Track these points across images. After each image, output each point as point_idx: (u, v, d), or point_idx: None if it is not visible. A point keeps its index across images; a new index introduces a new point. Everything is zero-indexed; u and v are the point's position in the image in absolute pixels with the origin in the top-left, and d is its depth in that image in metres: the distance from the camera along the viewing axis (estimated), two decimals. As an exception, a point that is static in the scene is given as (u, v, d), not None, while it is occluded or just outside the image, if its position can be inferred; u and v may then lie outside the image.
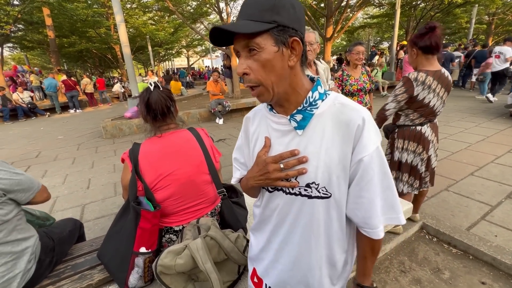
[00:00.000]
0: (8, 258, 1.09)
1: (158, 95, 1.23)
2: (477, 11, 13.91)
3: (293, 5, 0.59)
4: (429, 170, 1.98)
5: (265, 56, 0.58)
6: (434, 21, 1.69)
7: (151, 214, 1.15)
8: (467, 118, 5.57)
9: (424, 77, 1.69)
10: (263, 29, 0.56)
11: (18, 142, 6.26)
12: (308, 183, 0.65)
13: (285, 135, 0.68)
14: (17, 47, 15.38)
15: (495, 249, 1.87)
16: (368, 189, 0.62)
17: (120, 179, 1.30)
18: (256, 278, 0.84)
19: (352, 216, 0.67)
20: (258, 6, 0.57)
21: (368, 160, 0.61)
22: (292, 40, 0.59)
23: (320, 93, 0.65)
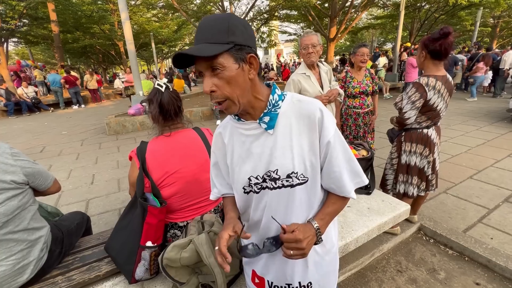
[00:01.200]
0: (24, 246, 1.15)
1: (170, 96, 1.28)
2: (482, 14, 13.86)
3: (244, 25, 0.66)
4: (434, 173, 2.03)
5: (228, 74, 0.64)
6: (448, 26, 1.72)
7: (157, 210, 1.19)
8: (468, 122, 5.59)
9: (434, 82, 1.73)
10: (224, 50, 0.62)
11: (23, 137, 6.34)
12: (288, 174, 0.73)
13: (258, 138, 0.75)
14: (22, 42, 15.47)
15: (490, 251, 1.91)
16: (338, 164, 0.74)
17: (128, 176, 1.35)
18: (257, 279, 0.89)
19: (328, 188, 0.79)
20: (214, 30, 0.63)
21: (333, 140, 0.73)
22: (249, 56, 0.66)
23: (278, 95, 0.75)
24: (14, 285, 1.14)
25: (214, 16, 0.65)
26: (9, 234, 1.11)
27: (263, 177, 0.76)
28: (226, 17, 0.64)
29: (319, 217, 0.78)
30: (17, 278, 1.14)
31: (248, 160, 0.77)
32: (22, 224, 1.15)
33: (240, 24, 0.65)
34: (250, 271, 0.92)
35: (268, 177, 0.75)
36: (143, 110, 6.61)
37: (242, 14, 9.94)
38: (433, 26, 14.70)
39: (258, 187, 0.77)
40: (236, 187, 0.83)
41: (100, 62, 20.79)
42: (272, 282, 0.87)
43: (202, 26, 0.65)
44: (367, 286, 1.79)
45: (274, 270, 0.85)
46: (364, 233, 1.56)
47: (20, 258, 1.14)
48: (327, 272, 0.89)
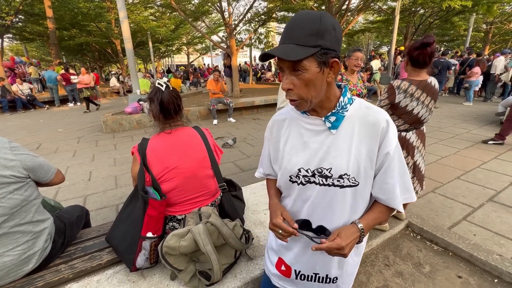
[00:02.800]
0: (29, 237, 1.20)
1: (170, 94, 1.35)
2: (475, 19, 14.17)
3: (334, 27, 0.66)
4: (416, 175, 2.10)
5: (309, 76, 0.67)
6: (430, 34, 1.77)
7: (157, 203, 1.26)
8: (458, 125, 5.75)
9: (407, 86, 1.79)
10: (309, 54, 0.63)
11: (18, 134, 6.32)
12: (341, 175, 0.75)
13: (318, 134, 0.78)
14: (16, 38, 15.31)
15: (473, 246, 2.02)
16: (392, 176, 0.76)
17: (130, 170, 1.41)
18: (283, 266, 0.94)
19: (377, 197, 0.81)
20: (303, 31, 0.64)
21: (392, 153, 0.75)
22: (333, 61, 0.67)
23: (348, 98, 0.78)
24: (20, 273, 1.20)
25: (307, 15, 0.64)
26: (16, 227, 1.15)
27: (313, 172, 0.78)
28: (318, 17, 0.64)
29: (365, 221, 0.78)
30: (23, 267, 1.19)
31: (302, 153, 0.79)
32: (28, 216, 1.20)
33: (330, 26, 0.64)
34: (275, 258, 0.96)
35: (319, 173, 0.77)
36: (140, 108, 6.64)
37: (240, 15, 10.02)
38: (427, 31, 14.98)
39: (306, 179, 0.79)
40: (283, 175, 0.85)
41: (96, 60, 20.65)
42: (299, 271, 0.91)
43: (294, 23, 0.65)
44: (357, 279, 1.88)
45: (304, 261, 0.89)
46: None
47: (26, 248, 1.19)
48: (352, 272, 0.93)
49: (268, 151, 0.94)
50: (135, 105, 6.60)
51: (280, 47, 0.66)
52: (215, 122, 6.73)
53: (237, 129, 6.16)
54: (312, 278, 0.91)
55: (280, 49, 0.65)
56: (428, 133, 4.83)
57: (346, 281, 0.92)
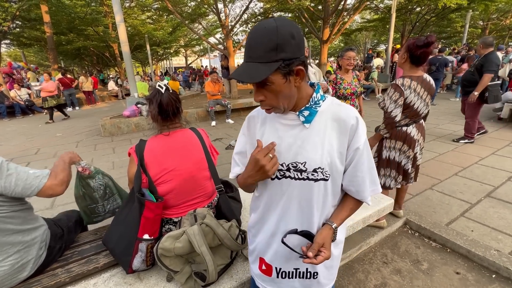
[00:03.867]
0: (20, 247, 1.18)
1: (169, 97, 1.35)
2: (471, 16, 14.20)
3: (292, 35, 0.67)
4: (414, 167, 2.14)
5: (276, 88, 0.70)
6: (432, 34, 1.83)
7: (154, 205, 1.26)
8: (456, 121, 5.75)
9: (409, 82, 1.86)
10: (272, 71, 0.66)
11: (17, 139, 6.32)
12: (315, 168, 0.78)
13: (293, 129, 0.81)
14: (14, 44, 15.34)
15: (470, 242, 2.02)
16: (362, 169, 0.80)
17: (127, 171, 1.41)
18: (264, 266, 0.94)
19: (347, 190, 0.85)
20: (263, 48, 0.66)
21: (362, 148, 0.79)
22: (297, 69, 0.70)
23: (321, 95, 0.82)
24: (15, 281, 1.19)
25: (264, 30, 0.65)
26: (2, 238, 1.12)
27: (288, 166, 0.80)
28: (275, 31, 0.64)
29: (338, 220, 0.84)
30: (18, 275, 1.19)
31: (277, 147, 0.81)
32: (14, 227, 1.15)
33: (288, 36, 0.66)
34: (258, 259, 0.97)
35: (294, 168, 0.80)
36: (138, 111, 6.65)
37: (237, 17, 10.04)
38: (424, 28, 15.01)
39: (281, 174, 0.81)
40: None
41: (95, 64, 20.68)
42: (280, 269, 0.92)
43: (252, 41, 0.67)
44: (354, 277, 1.88)
45: (283, 258, 0.90)
46: (349, 226, 1.65)
47: (18, 258, 1.17)
48: (331, 266, 0.94)
49: (243, 148, 0.94)
50: (133, 108, 6.61)
51: (244, 67, 0.69)
52: (214, 123, 6.74)
53: (235, 130, 6.16)
54: (293, 274, 0.91)
55: (244, 71, 0.68)
56: (426, 130, 4.83)
57: (326, 275, 0.94)
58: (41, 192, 1.16)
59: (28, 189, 1.12)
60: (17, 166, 1.15)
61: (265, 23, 0.67)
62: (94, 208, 1.62)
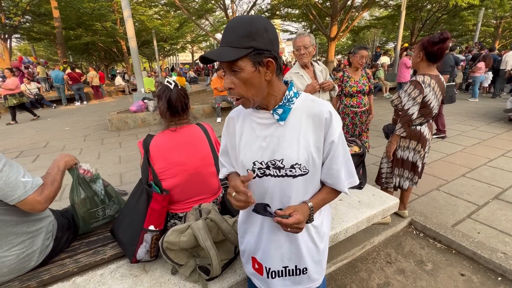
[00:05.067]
0: (25, 237, 1.20)
1: (178, 93, 1.36)
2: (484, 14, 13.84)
3: (266, 29, 0.70)
4: (422, 166, 2.13)
5: (245, 76, 0.71)
6: (447, 31, 1.81)
7: (161, 197, 1.29)
8: (465, 122, 5.65)
9: (429, 80, 1.84)
10: (242, 55, 0.69)
11: (26, 132, 6.45)
12: (292, 165, 0.80)
13: (268, 127, 0.82)
14: (24, 38, 15.57)
15: (477, 244, 2.00)
16: (337, 162, 0.82)
17: (134, 165, 1.44)
18: (257, 265, 0.97)
19: (324, 182, 0.88)
20: (236, 34, 0.69)
21: (337, 141, 0.80)
22: (267, 60, 0.72)
23: (294, 92, 0.82)
24: (23, 270, 1.23)
25: (239, 20, 0.70)
26: (5, 229, 1.14)
27: (267, 164, 0.82)
28: (249, 21, 0.69)
29: (314, 200, 0.85)
30: (25, 265, 1.22)
31: (255, 146, 0.83)
32: (16, 219, 1.16)
33: (262, 28, 0.69)
34: (250, 259, 0.99)
35: (273, 165, 0.81)
36: (145, 107, 6.71)
37: (244, 13, 10.00)
38: (435, 26, 14.70)
39: (261, 172, 0.83)
40: (241, 170, 0.89)
41: (102, 59, 20.87)
42: (269, 268, 0.93)
43: (228, 28, 0.71)
44: (357, 276, 1.88)
45: (271, 257, 0.92)
46: (354, 224, 1.65)
47: (23, 248, 1.20)
48: (319, 260, 0.96)
49: (226, 148, 0.97)
50: (140, 103, 6.67)
51: (217, 49, 0.71)
52: (219, 120, 6.76)
53: (240, 127, 6.17)
54: (282, 273, 0.93)
55: (215, 51, 0.70)
56: (434, 130, 4.76)
57: (315, 270, 0.95)
58: (20, 204, 1.11)
59: (9, 197, 1.08)
60: (12, 170, 1.10)
61: (242, 16, 0.72)
62: (94, 213, 1.50)
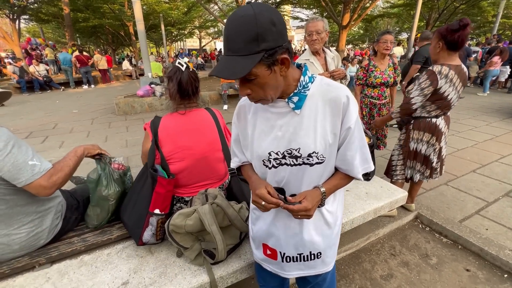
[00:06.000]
0: (34, 216, 1.22)
1: (189, 75, 1.32)
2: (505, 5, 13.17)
3: (273, 22, 0.61)
4: (440, 161, 2.07)
5: (261, 81, 0.67)
6: (465, 17, 1.71)
7: (166, 181, 1.28)
8: (478, 117, 5.49)
9: (447, 71, 1.74)
10: (255, 64, 0.62)
11: (36, 114, 6.53)
12: (310, 153, 0.78)
13: (284, 116, 0.79)
14: (33, 19, 15.52)
15: (484, 241, 1.97)
16: (351, 148, 0.80)
17: (142, 144, 1.43)
18: (269, 251, 0.97)
19: (338, 167, 0.86)
20: (242, 39, 0.60)
21: (353, 127, 0.77)
22: (281, 58, 0.66)
23: (309, 77, 0.78)
24: (33, 248, 1.25)
25: (241, 20, 0.60)
26: (14, 208, 1.15)
27: (283, 154, 0.80)
28: (253, 20, 0.59)
29: (327, 186, 0.84)
30: (35, 243, 1.24)
31: (271, 136, 0.80)
32: (26, 198, 1.17)
33: (269, 23, 0.60)
34: (260, 245, 1.00)
35: (289, 155, 0.79)
36: (152, 91, 6.69)
37: (254, -3, 9.71)
38: (452, 17, 14.09)
39: (277, 162, 0.82)
40: (255, 160, 0.87)
41: (110, 43, 20.76)
42: (284, 253, 0.94)
43: (230, 32, 0.62)
44: (361, 266, 1.88)
45: (286, 244, 0.92)
46: (360, 215, 1.63)
47: (33, 227, 1.21)
48: (333, 244, 0.97)
49: (237, 137, 0.94)
50: (146, 88, 6.65)
51: (224, 62, 0.64)
52: (225, 107, 6.70)
53: (247, 115, 6.13)
54: (297, 259, 0.94)
55: (225, 66, 0.63)
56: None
57: (329, 254, 0.97)
58: (26, 187, 1.10)
59: (16, 180, 1.07)
60: (20, 152, 1.08)
61: (241, 11, 0.61)
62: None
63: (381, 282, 1.74)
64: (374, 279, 1.77)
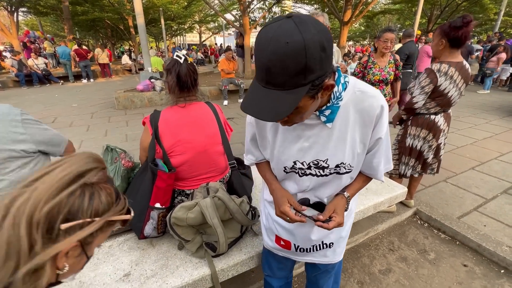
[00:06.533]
0: None
1: (188, 68, 1.32)
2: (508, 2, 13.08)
3: (323, 47, 0.51)
4: (436, 158, 2.07)
5: (302, 110, 0.60)
6: (468, 14, 1.70)
7: (166, 175, 1.28)
8: (478, 115, 5.50)
9: (446, 68, 1.74)
10: (300, 99, 0.54)
11: (35, 107, 6.50)
12: (338, 164, 0.77)
13: (313, 128, 0.74)
14: (31, 12, 15.34)
15: (482, 237, 1.99)
16: (379, 155, 0.81)
17: (140, 141, 1.42)
18: (282, 241, 1.00)
19: (363, 171, 0.87)
20: (289, 72, 0.51)
21: (384, 137, 0.77)
22: (328, 84, 0.58)
23: (342, 84, 0.70)
24: None
25: (286, 49, 0.48)
26: None
27: (308, 164, 0.79)
28: (303, 50, 0.48)
29: (351, 191, 0.86)
30: None
31: (296, 146, 0.77)
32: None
33: (319, 51, 0.50)
34: (273, 235, 1.02)
35: (315, 165, 0.78)
36: (152, 86, 6.66)
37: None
38: (454, 14, 14.00)
39: (302, 172, 0.81)
40: (277, 165, 0.85)
41: (109, 37, 20.57)
42: (298, 245, 0.97)
43: (270, 65, 0.51)
44: (359, 261, 1.90)
45: (300, 236, 0.95)
46: (360, 211, 1.64)
47: None
48: (346, 236, 1.02)
49: (253, 137, 0.91)
50: (146, 82, 6.62)
51: (262, 96, 0.55)
52: (226, 102, 6.68)
53: (247, 110, 6.11)
54: (310, 250, 0.98)
55: (264, 103, 0.55)
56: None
57: (340, 244, 1.01)
58: (67, 149, 1.30)
59: (60, 145, 1.28)
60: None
61: (285, 35, 0.49)
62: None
63: (379, 277, 1.76)
64: (373, 273, 1.79)
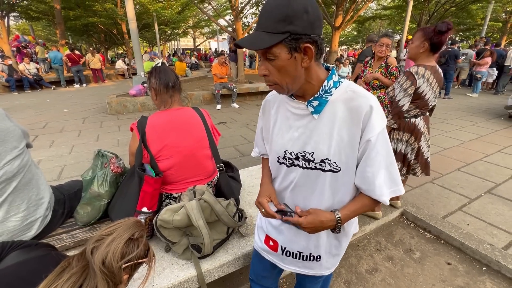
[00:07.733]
0: (30, 204, 1.26)
1: (167, 68, 1.40)
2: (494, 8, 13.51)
3: (306, 10, 0.62)
4: (419, 160, 2.13)
5: (279, 63, 0.67)
6: (449, 20, 1.79)
7: (153, 180, 1.30)
8: (465, 117, 5.64)
9: (423, 71, 1.81)
10: (275, 42, 0.63)
11: (25, 113, 6.42)
12: (323, 159, 0.76)
13: (302, 118, 0.79)
14: (22, 17, 15.21)
15: (465, 235, 2.05)
16: (372, 164, 0.73)
17: (128, 146, 1.44)
18: (271, 242, 1.00)
19: (359, 187, 0.79)
20: (272, 17, 0.63)
21: (374, 140, 0.71)
22: (305, 46, 0.65)
23: (334, 81, 0.74)
24: (24, 239, 1.27)
25: (276, 0, 0.63)
26: (16, 192, 1.20)
27: (296, 155, 0.80)
28: (287, 2, 0.61)
29: (344, 212, 0.78)
30: (26, 232, 1.26)
31: (287, 135, 0.81)
32: (25, 183, 1.24)
33: (301, 9, 0.62)
34: (263, 236, 1.03)
35: (302, 157, 0.79)
36: (144, 91, 6.66)
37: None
38: (442, 19, 14.39)
39: (290, 162, 0.83)
40: (272, 155, 0.90)
41: (102, 41, 20.49)
42: (285, 248, 0.96)
43: (263, 10, 0.65)
44: (347, 261, 1.93)
45: (288, 239, 0.95)
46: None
47: (27, 215, 1.25)
48: (337, 254, 0.96)
49: (261, 130, 0.99)
50: (139, 87, 6.62)
51: (251, 35, 0.67)
52: (219, 107, 6.72)
53: (240, 114, 6.16)
54: (296, 256, 0.95)
55: (248, 38, 0.66)
56: (433, 124, 4.76)
57: (330, 261, 0.96)
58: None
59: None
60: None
61: None
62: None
63: (366, 276, 1.80)
64: (360, 273, 1.82)
